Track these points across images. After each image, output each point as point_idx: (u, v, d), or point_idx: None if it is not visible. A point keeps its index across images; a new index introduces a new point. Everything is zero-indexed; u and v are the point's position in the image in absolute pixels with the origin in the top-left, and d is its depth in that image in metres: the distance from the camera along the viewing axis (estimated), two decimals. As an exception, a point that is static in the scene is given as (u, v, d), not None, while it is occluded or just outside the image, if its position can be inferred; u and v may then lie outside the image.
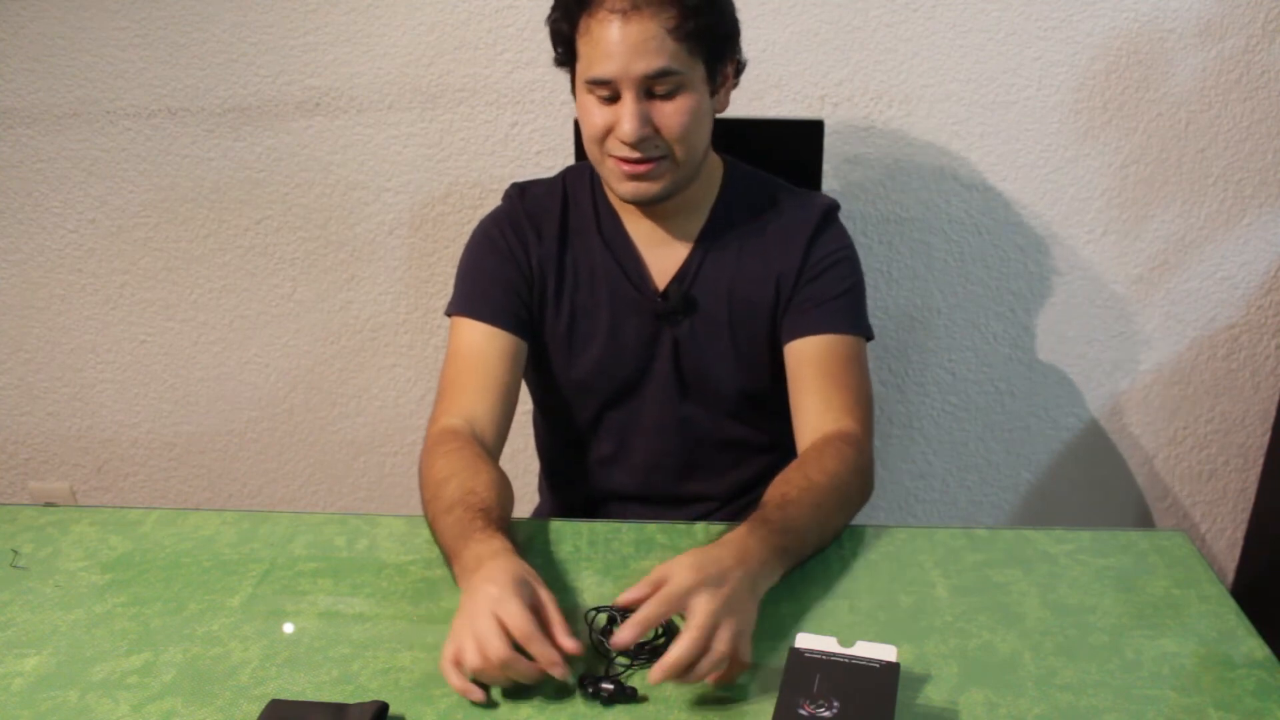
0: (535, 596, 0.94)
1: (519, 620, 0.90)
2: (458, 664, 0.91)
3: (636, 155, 1.16)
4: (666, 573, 0.93)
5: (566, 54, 1.19)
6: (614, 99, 1.15)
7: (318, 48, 1.73)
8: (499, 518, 1.06)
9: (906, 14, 1.65)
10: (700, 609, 0.90)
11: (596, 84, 1.15)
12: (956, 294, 1.83)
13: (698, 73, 1.16)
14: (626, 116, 1.13)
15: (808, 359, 1.25)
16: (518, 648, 0.90)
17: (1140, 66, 1.66)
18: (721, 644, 0.89)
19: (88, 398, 2.04)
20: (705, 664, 0.88)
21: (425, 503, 1.14)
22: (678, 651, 0.88)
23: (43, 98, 1.80)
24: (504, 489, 1.13)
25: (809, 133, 1.51)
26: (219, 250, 1.89)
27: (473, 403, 1.22)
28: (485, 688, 0.92)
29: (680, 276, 1.28)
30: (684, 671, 0.88)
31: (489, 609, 0.91)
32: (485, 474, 1.12)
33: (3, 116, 1.82)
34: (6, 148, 1.84)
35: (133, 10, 1.73)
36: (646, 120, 1.14)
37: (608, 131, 1.16)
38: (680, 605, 0.91)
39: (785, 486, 1.11)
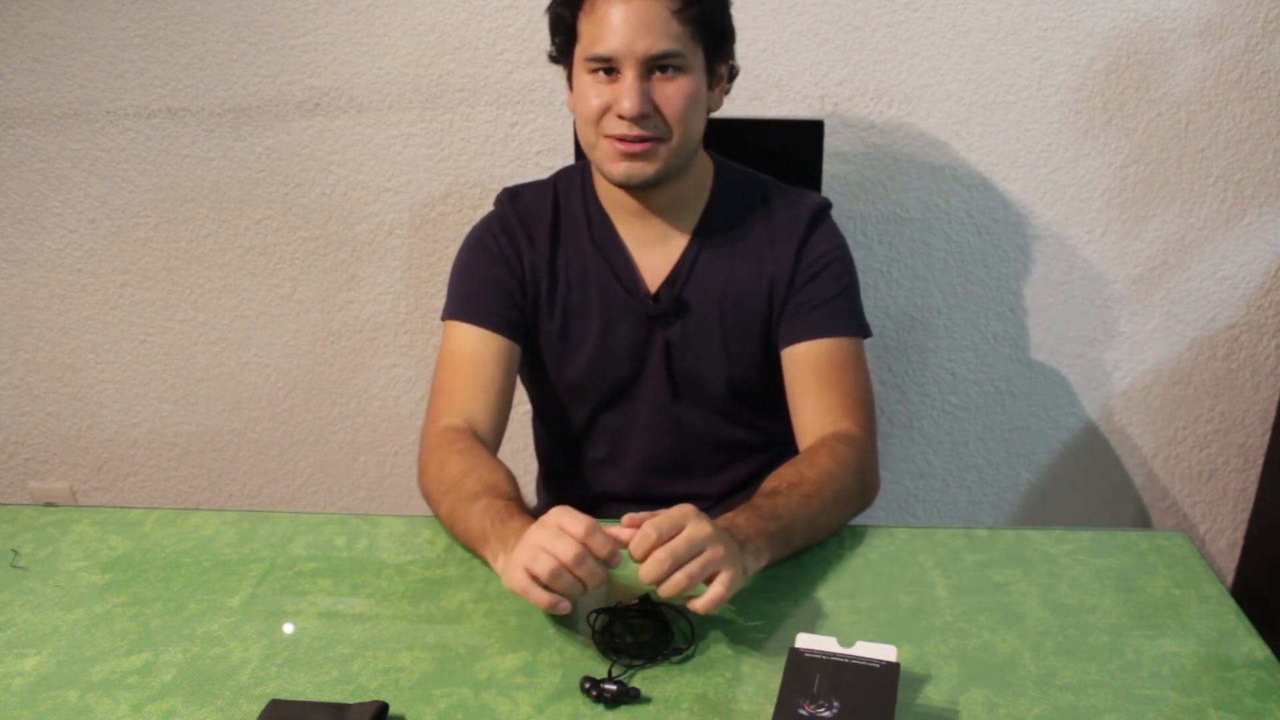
0: None
1: (579, 522, 0.94)
2: (534, 580, 0.93)
3: (634, 133, 1.15)
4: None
5: (566, 40, 1.19)
6: (613, 79, 1.15)
7: (318, 48, 1.73)
8: (523, 510, 1.08)
9: (906, 14, 1.65)
10: (692, 527, 0.94)
11: (598, 60, 1.14)
12: (956, 294, 1.82)
13: (698, 59, 1.17)
14: (628, 93, 1.13)
15: (806, 364, 1.25)
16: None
17: (1140, 66, 1.66)
18: (696, 567, 0.93)
19: (88, 398, 2.04)
20: (680, 576, 0.92)
21: (440, 495, 1.14)
22: (670, 546, 0.92)
23: (43, 98, 1.80)
24: (518, 487, 1.14)
25: (809, 133, 1.51)
26: (219, 250, 1.89)
27: (469, 405, 1.23)
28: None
29: (672, 278, 1.27)
30: (661, 563, 0.92)
31: (551, 521, 0.95)
32: (502, 470, 1.14)
33: (3, 116, 1.82)
34: (6, 148, 1.84)
35: (133, 10, 1.73)
36: (647, 98, 1.14)
37: (604, 111, 1.16)
38: (675, 529, 0.94)
39: (776, 481, 1.12)
